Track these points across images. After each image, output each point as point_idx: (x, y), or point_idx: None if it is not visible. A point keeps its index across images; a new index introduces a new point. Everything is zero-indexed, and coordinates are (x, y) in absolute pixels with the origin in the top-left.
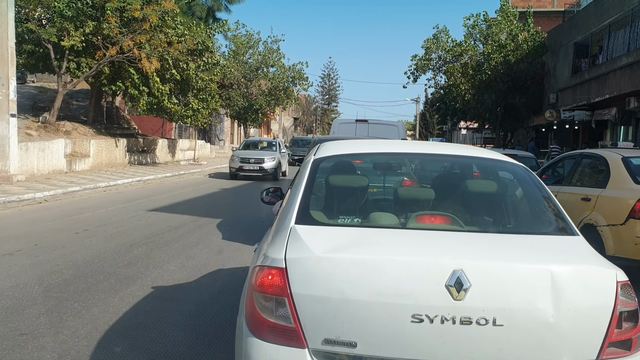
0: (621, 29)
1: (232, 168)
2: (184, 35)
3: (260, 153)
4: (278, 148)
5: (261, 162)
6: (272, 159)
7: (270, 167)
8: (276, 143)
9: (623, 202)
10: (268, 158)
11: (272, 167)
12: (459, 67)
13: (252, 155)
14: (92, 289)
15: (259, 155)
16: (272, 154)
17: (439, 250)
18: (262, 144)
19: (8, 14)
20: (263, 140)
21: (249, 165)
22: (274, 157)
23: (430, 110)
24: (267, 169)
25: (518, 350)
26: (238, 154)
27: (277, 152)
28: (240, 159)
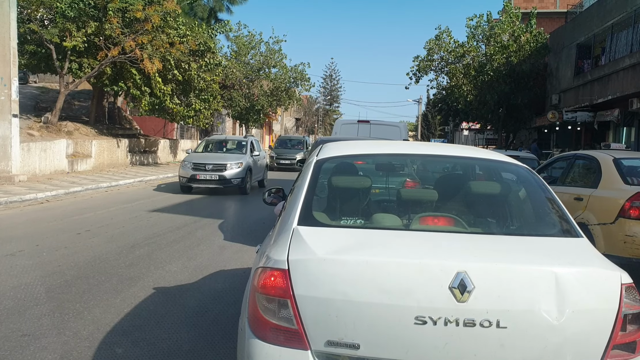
0: (624, 30)
1: (182, 178)
2: (186, 36)
3: (222, 157)
4: (249, 150)
5: (222, 169)
6: (237, 164)
7: (234, 175)
8: (247, 143)
9: (613, 201)
10: (233, 164)
11: (237, 176)
12: (461, 68)
13: (211, 160)
14: (93, 290)
15: (221, 159)
16: (239, 158)
17: (443, 252)
18: (229, 143)
19: (10, 14)
20: (229, 138)
21: (205, 174)
22: (240, 163)
23: (432, 111)
24: (231, 178)
25: (521, 353)
26: (192, 158)
27: (246, 154)
28: (194, 165)
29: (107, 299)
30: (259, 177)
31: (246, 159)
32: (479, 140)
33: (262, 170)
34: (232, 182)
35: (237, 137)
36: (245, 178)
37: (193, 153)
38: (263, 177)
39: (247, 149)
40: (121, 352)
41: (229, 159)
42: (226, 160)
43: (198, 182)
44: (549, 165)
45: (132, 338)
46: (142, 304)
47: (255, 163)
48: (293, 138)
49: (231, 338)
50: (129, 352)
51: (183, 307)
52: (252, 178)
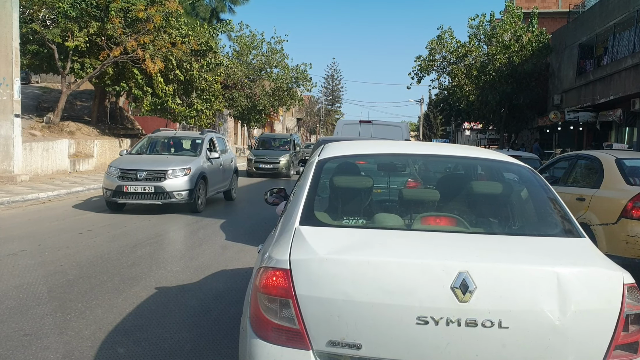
0: (626, 29)
1: (106, 190)
2: (188, 36)
3: (162, 161)
4: (204, 151)
5: (160, 179)
6: (183, 171)
7: (177, 187)
8: (202, 142)
9: (615, 202)
10: (177, 170)
11: (181, 188)
12: (463, 68)
13: (145, 165)
14: (95, 290)
15: (159, 164)
16: (187, 162)
17: (444, 252)
18: (179, 142)
19: (12, 14)
20: (181, 136)
21: (136, 185)
22: (187, 169)
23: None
24: (172, 191)
25: (523, 353)
26: (120, 162)
27: (199, 157)
28: (121, 172)
29: (109, 298)
30: (223, 187)
31: (198, 163)
32: (480, 140)
33: (227, 178)
34: (173, 197)
35: (191, 134)
36: (195, 190)
37: (126, 155)
38: (230, 187)
39: (201, 149)
40: (123, 351)
41: (171, 164)
42: (167, 166)
43: (126, 196)
44: (551, 165)
45: (134, 338)
46: (144, 303)
47: (214, 169)
48: (277, 137)
49: (233, 338)
50: (130, 352)
51: (185, 307)
52: (208, 189)
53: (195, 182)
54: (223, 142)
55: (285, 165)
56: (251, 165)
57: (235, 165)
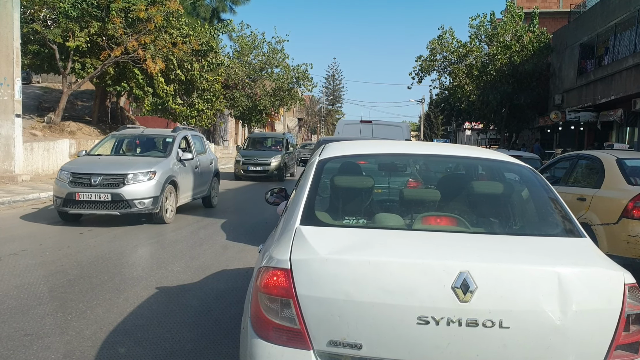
0: (627, 29)
1: (56, 199)
2: (189, 36)
3: (123, 163)
4: (174, 151)
5: (117, 184)
6: (147, 175)
7: (139, 194)
8: (174, 140)
9: (616, 202)
10: (139, 174)
11: (143, 196)
12: (463, 68)
13: (101, 169)
14: (96, 289)
15: (118, 167)
16: (152, 165)
17: (445, 251)
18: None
19: (13, 14)
20: (149, 133)
21: (90, 192)
22: (151, 173)
23: (434, 111)
24: (132, 199)
25: (524, 353)
26: (74, 165)
27: (168, 158)
28: (73, 176)
29: (110, 298)
30: (200, 193)
31: (167, 165)
32: (481, 140)
33: (205, 182)
34: (134, 206)
35: (160, 132)
36: (161, 197)
37: (83, 156)
38: (209, 193)
39: (171, 149)
40: (124, 351)
41: (133, 167)
42: (128, 169)
43: (78, 205)
44: (552, 165)
45: (134, 337)
46: (145, 303)
47: (188, 172)
48: (269, 136)
49: (234, 338)
50: (131, 352)
51: (185, 307)
52: (179, 196)
53: (162, 188)
54: (201, 141)
55: (276, 167)
56: (239, 167)
57: (215, 167)
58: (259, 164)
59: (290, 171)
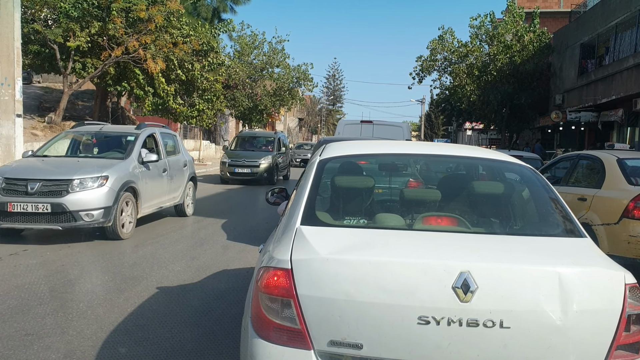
0: (628, 29)
1: None
2: (189, 36)
3: (76, 166)
4: (134, 152)
5: (60, 192)
6: (97, 179)
7: (87, 206)
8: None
9: (617, 202)
10: (89, 179)
11: (91, 208)
12: (464, 68)
13: (44, 174)
14: (97, 289)
15: (66, 171)
16: (107, 168)
17: (446, 251)
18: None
19: (14, 14)
20: (105, 132)
21: (26, 203)
22: (103, 178)
23: (435, 111)
24: (79, 211)
25: (525, 353)
26: (10, 169)
27: (129, 160)
28: (6, 184)
29: (111, 298)
30: (170, 201)
31: (124, 169)
32: (482, 140)
33: (176, 188)
34: (79, 218)
35: (121, 129)
36: (115, 207)
37: (28, 157)
38: (182, 200)
39: (132, 150)
40: (124, 351)
41: (80, 170)
42: (74, 173)
43: (11, 217)
44: (553, 165)
45: (135, 337)
46: (146, 303)
47: (152, 177)
48: (259, 135)
49: (234, 337)
50: (132, 352)
51: (186, 307)
52: (140, 206)
53: (116, 197)
54: (173, 140)
55: (266, 169)
56: (225, 170)
57: (191, 170)
58: (247, 166)
59: (282, 173)
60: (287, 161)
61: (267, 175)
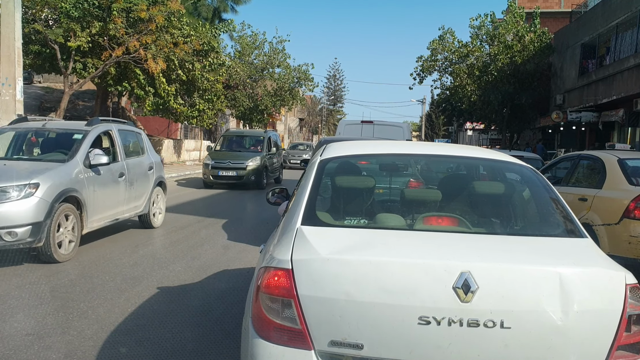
0: (629, 29)
1: None
2: (190, 36)
3: None
4: (80, 153)
5: None
6: (23, 188)
7: (9, 223)
8: (82, 137)
9: (618, 202)
10: (12, 188)
11: (15, 224)
12: (465, 68)
13: None
14: (98, 289)
15: None
16: (39, 173)
17: (446, 252)
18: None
19: (15, 14)
20: (49, 129)
21: None
22: (31, 186)
23: (436, 111)
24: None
25: (525, 353)
26: None
27: (71, 163)
28: None
29: (111, 298)
30: (131, 211)
31: (64, 174)
32: (483, 140)
33: (139, 196)
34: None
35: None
36: (48, 223)
37: None
38: (146, 210)
39: (77, 150)
40: (125, 351)
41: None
42: None
43: None
44: (553, 165)
45: (136, 337)
46: (146, 303)
47: (105, 183)
48: (247, 134)
49: (235, 337)
50: (133, 352)
51: (187, 307)
52: (87, 218)
53: (49, 209)
54: (136, 138)
55: (253, 171)
56: (208, 172)
57: (158, 175)
58: (233, 168)
59: (274, 176)
60: (279, 163)
61: (255, 179)
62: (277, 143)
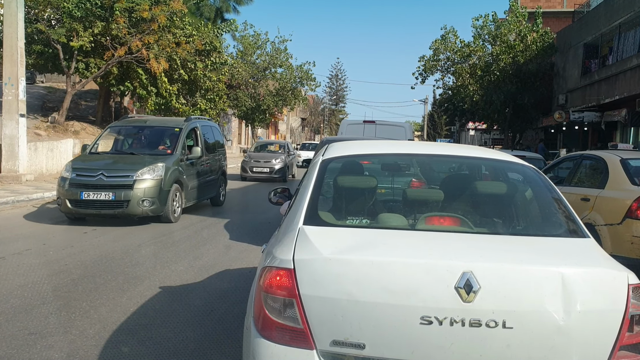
0: (631, 29)
1: None
2: (192, 36)
3: None
4: None
5: None
6: None
7: None
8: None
9: (620, 202)
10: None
11: None
12: (467, 68)
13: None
14: (100, 289)
15: None
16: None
17: (448, 251)
18: None
19: (18, 14)
20: None
21: None
22: None
23: (438, 111)
24: None
25: (527, 353)
26: None
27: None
28: None
29: (114, 297)
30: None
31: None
32: (485, 140)
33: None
34: None
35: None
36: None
37: None
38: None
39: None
40: (127, 350)
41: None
42: None
43: None
44: (556, 165)
45: (138, 337)
46: (148, 303)
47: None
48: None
49: (237, 337)
50: (135, 351)
51: (189, 306)
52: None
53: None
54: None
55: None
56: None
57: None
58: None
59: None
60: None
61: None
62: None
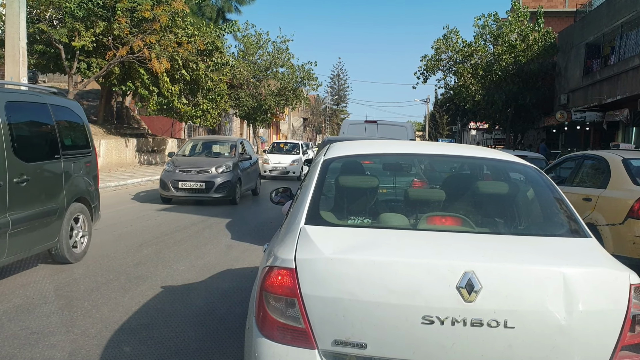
0: (634, 29)
1: None
2: (194, 36)
3: None
4: None
5: None
6: None
7: None
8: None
9: (622, 202)
10: None
11: None
12: (469, 68)
13: None
14: (102, 288)
15: None
16: None
17: (450, 251)
18: None
19: (20, 14)
20: None
21: None
22: None
23: (440, 110)
24: None
25: (529, 353)
26: None
27: None
28: None
29: (115, 297)
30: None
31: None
32: (486, 140)
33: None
34: None
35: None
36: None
37: None
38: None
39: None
40: (129, 350)
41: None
42: None
43: None
44: (558, 165)
45: (139, 336)
46: (150, 302)
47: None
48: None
49: (238, 337)
50: (136, 351)
51: (190, 306)
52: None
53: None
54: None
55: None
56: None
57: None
58: None
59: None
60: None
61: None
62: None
